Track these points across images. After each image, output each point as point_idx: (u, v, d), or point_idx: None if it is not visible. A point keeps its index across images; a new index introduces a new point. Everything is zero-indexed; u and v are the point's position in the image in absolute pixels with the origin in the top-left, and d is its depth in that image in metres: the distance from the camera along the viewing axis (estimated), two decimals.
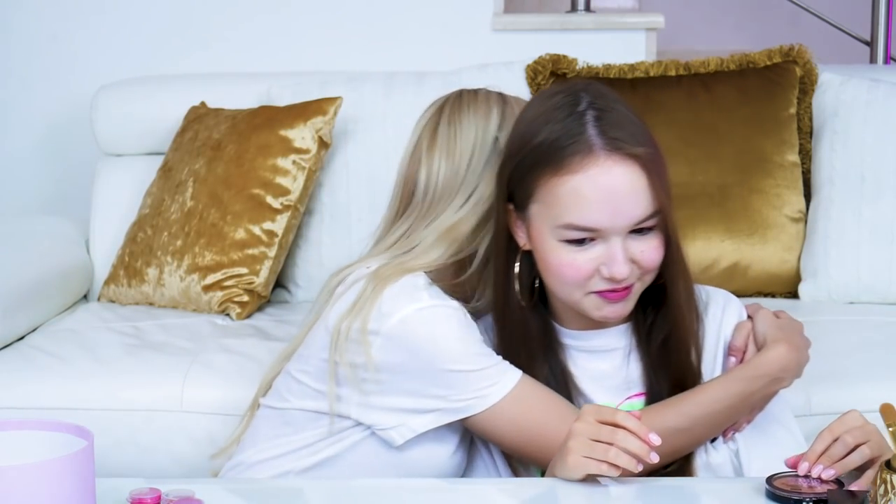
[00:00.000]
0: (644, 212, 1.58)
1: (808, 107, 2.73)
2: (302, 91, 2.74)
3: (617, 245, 1.58)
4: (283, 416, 1.76)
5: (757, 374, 1.66)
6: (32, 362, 2.30)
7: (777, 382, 1.67)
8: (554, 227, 1.60)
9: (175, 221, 2.61)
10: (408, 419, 1.68)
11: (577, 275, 1.60)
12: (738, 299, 1.78)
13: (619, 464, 1.47)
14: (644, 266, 1.61)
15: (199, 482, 1.60)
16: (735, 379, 1.66)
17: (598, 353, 1.71)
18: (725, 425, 1.68)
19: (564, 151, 1.58)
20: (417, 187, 1.78)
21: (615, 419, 1.49)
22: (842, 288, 2.59)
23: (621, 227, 1.58)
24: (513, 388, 1.65)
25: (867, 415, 1.85)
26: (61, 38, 3.18)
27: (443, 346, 1.65)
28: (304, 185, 2.60)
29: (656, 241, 1.60)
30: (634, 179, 1.57)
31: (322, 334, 1.72)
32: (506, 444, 1.68)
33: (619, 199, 1.57)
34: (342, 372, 1.69)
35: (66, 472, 1.23)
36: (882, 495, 1.33)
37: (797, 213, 2.65)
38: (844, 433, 1.47)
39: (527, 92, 2.74)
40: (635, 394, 1.70)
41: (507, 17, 3.19)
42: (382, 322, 1.66)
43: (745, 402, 1.66)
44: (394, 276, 1.69)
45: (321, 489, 1.63)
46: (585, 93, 1.62)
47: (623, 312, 1.64)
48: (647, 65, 2.79)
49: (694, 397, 1.65)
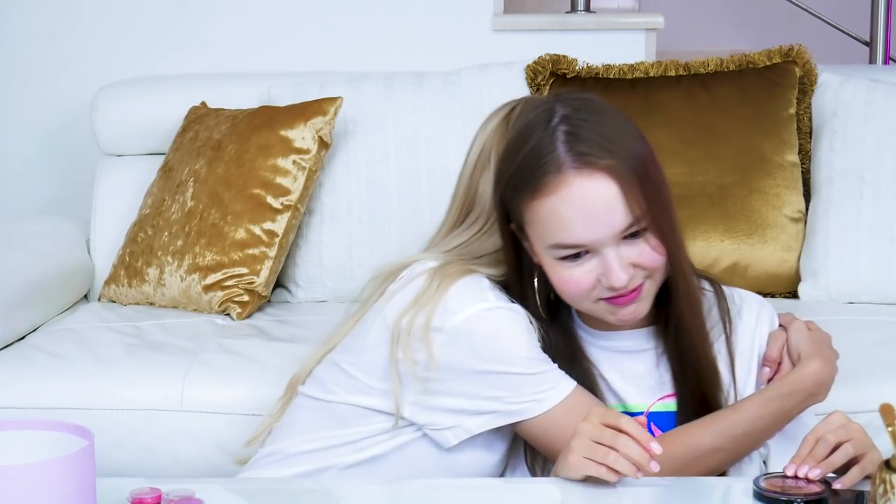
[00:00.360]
0: (624, 220, 1.58)
1: (808, 107, 2.73)
2: (302, 91, 2.74)
3: (610, 255, 1.58)
4: (329, 409, 1.73)
5: (794, 390, 1.66)
6: (32, 362, 2.30)
7: (812, 398, 1.68)
8: (545, 247, 1.61)
9: (175, 221, 2.61)
10: (464, 420, 1.67)
11: (578, 289, 1.61)
12: (771, 305, 1.78)
13: (618, 469, 1.47)
14: (646, 267, 1.61)
15: (199, 482, 1.60)
16: (772, 397, 1.66)
17: (629, 354, 1.71)
18: (762, 442, 1.69)
19: (538, 173, 1.59)
20: (482, 199, 1.76)
21: (619, 423, 1.49)
22: (842, 288, 2.59)
23: (606, 239, 1.58)
24: (568, 394, 1.65)
25: (867, 414, 1.86)
26: (61, 38, 3.18)
27: (505, 347, 1.65)
28: (304, 185, 2.60)
29: (652, 242, 1.60)
30: (607, 192, 1.57)
31: (378, 328, 1.70)
32: (553, 450, 1.66)
33: (597, 213, 1.57)
34: (402, 369, 1.67)
35: (67, 472, 1.23)
36: (882, 495, 1.33)
37: (797, 213, 2.65)
38: (826, 433, 1.48)
39: (527, 92, 2.74)
40: (668, 394, 1.70)
41: (507, 17, 3.19)
42: (447, 319, 1.65)
43: (782, 419, 1.67)
44: (459, 274, 1.68)
45: (321, 489, 1.63)
46: (562, 104, 1.62)
47: (638, 313, 1.64)
48: (646, 65, 2.79)
49: (732, 416, 1.65)
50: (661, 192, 1.61)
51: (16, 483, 1.21)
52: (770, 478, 1.47)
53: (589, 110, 1.62)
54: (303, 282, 2.69)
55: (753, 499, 1.45)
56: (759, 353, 1.73)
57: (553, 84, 2.75)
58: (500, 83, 2.73)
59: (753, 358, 1.73)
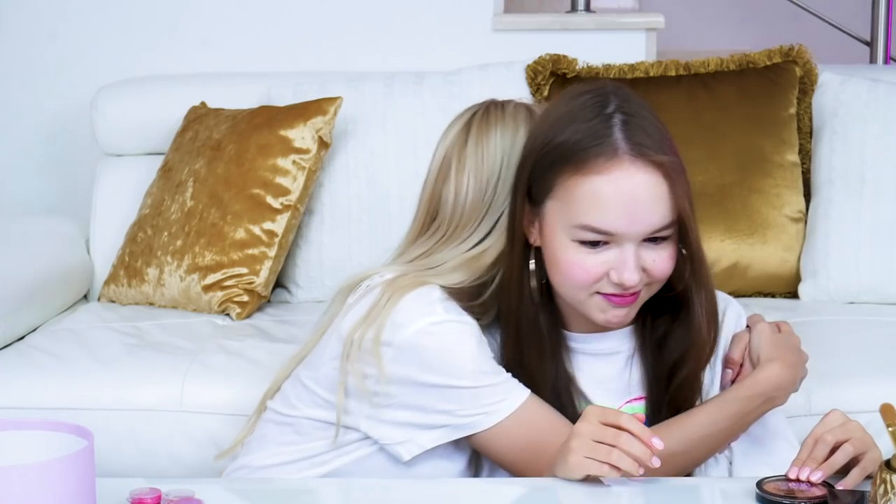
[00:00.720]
0: (661, 220, 1.57)
1: (808, 107, 2.73)
2: (302, 91, 2.74)
3: (629, 251, 1.57)
4: (291, 423, 1.74)
5: (751, 394, 1.65)
6: (32, 362, 2.30)
7: (771, 401, 1.67)
8: (569, 226, 1.59)
9: (175, 221, 2.61)
10: (415, 434, 1.67)
11: (585, 276, 1.59)
12: (738, 304, 1.77)
13: (620, 466, 1.47)
14: (653, 275, 1.60)
15: (199, 482, 1.59)
16: (730, 400, 1.65)
17: (601, 357, 1.71)
18: (722, 445, 1.68)
19: (589, 152, 1.57)
20: (444, 206, 1.76)
21: (619, 422, 1.49)
22: (842, 288, 2.59)
23: (637, 234, 1.57)
24: (520, 405, 1.64)
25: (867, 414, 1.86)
26: (61, 38, 3.18)
27: (453, 361, 1.64)
28: (304, 185, 2.60)
29: (669, 251, 1.60)
30: (656, 187, 1.56)
31: (334, 342, 1.70)
32: (508, 462, 1.67)
33: (639, 206, 1.56)
34: (352, 382, 1.67)
35: (66, 472, 1.23)
36: (882, 495, 1.33)
37: (797, 213, 2.65)
38: (824, 433, 1.47)
39: (527, 92, 2.74)
40: (635, 397, 1.70)
41: (507, 17, 3.19)
42: (396, 333, 1.65)
43: (740, 423, 1.66)
44: (410, 286, 1.67)
45: (321, 489, 1.63)
46: (615, 96, 1.61)
47: (626, 319, 1.64)
48: (647, 65, 2.79)
49: (690, 420, 1.65)
50: (692, 203, 1.61)
51: (16, 483, 1.21)
52: (772, 481, 1.47)
53: (640, 105, 1.62)
54: (303, 282, 2.69)
55: (756, 502, 1.45)
56: (723, 351, 1.72)
57: (553, 84, 2.75)
58: (500, 83, 2.73)
59: (718, 355, 1.72)
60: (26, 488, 1.21)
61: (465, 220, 1.74)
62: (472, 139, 1.76)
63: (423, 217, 1.79)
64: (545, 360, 1.68)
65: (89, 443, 1.28)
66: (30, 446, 1.33)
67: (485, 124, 1.76)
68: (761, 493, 1.44)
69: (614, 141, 1.56)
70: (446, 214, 1.75)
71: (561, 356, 1.69)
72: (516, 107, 1.79)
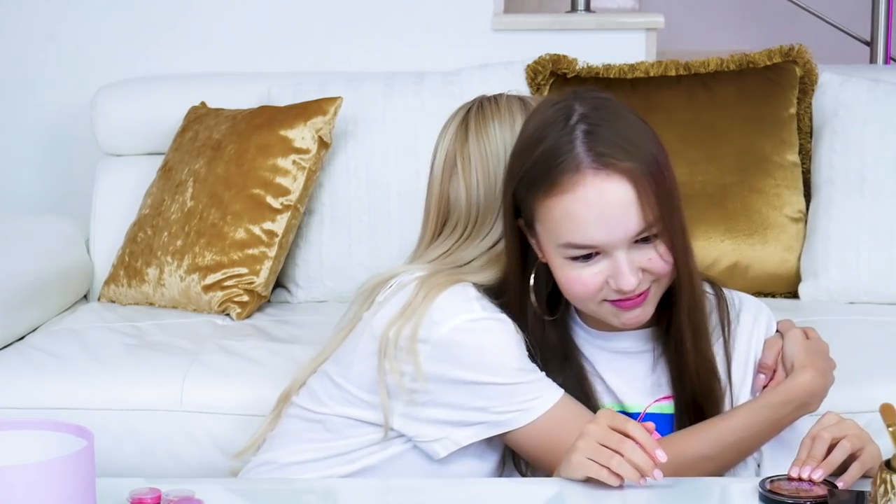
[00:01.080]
0: (638, 225, 1.57)
1: (808, 107, 2.73)
2: (302, 91, 2.74)
3: (621, 258, 1.58)
4: (320, 420, 1.73)
5: (785, 399, 1.66)
6: (32, 362, 2.30)
7: (804, 408, 1.68)
8: (556, 245, 1.60)
9: (175, 221, 2.61)
10: (451, 432, 1.66)
11: (585, 290, 1.60)
12: (768, 309, 1.78)
13: (620, 473, 1.47)
14: (655, 273, 1.60)
15: (199, 482, 1.59)
16: (763, 406, 1.66)
17: (627, 355, 1.71)
18: (753, 450, 1.68)
19: (555, 171, 1.57)
20: (456, 205, 1.75)
21: (626, 428, 1.49)
22: (842, 288, 2.59)
23: (619, 241, 1.57)
24: (555, 403, 1.64)
25: (867, 415, 1.86)
26: (61, 38, 3.18)
27: (489, 358, 1.64)
28: (304, 185, 2.60)
29: (662, 248, 1.59)
30: (624, 195, 1.56)
31: (367, 340, 1.70)
32: (540, 460, 1.66)
33: (612, 215, 1.56)
34: (389, 380, 1.66)
35: (66, 472, 1.23)
36: (882, 495, 1.33)
37: (797, 213, 2.65)
38: (821, 430, 1.48)
39: (527, 92, 2.73)
40: (664, 396, 1.70)
41: (507, 17, 3.19)
42: (433, 330, 1.64)
43: (772, 428, 1.67)
44: (446, 283, 1.67)
45: (320, 489, 1.63)
46: (580, 103, 1.61)
47: (642, 317, 1.64)
48: (647, 65, 2.79)
49: (723, 424, 1.65)
50: (673, 198, 1.60)
51: (16, 483, 1.21)
52: (775, 480, 1.47)
53: (607, 110, 1.61)
54: (303, 282, 2.69)
55: (760, 501, 1.45)
56: (756, 358, 1.72)
57: (553, 84, 2.75)
58: (500, 83, 2.73)
59: (750, 362, 1.72)
60: (26, 488, 1.21)
61: (482, 215, 1.75)
62: (472, 135, 1.76)
63: (435, 219, 1.79)
64: (552, 371, 1.68)
65: (89, 443, 1.28)
66: (30, 446, 1.33)
67: (482, 118, 1.77)
68: (765, 492, 1.45)
69: (577, 155, 1.57)
70: (461, 213, 1.75)
71: (574, 363, 1.70)
72: (509, 99, 1.80)
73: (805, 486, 1.45)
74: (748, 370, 1.72)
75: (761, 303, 1.78)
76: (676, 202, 1.61)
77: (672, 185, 1.61)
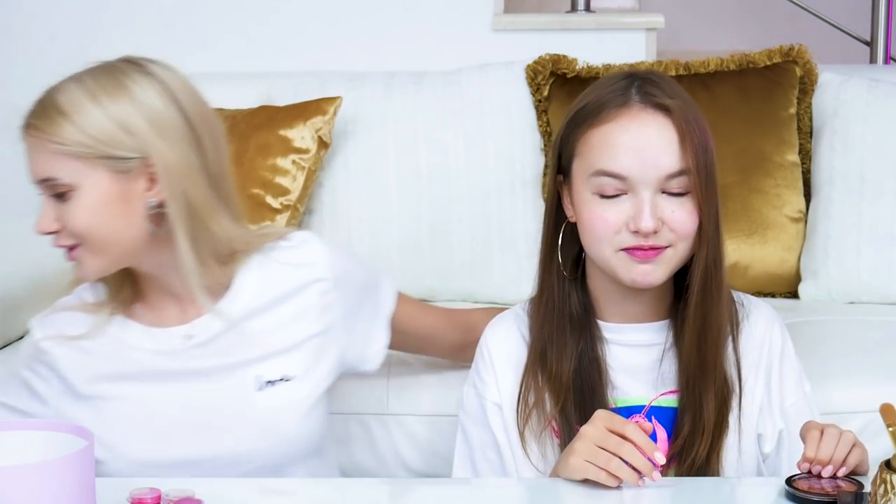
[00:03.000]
0: (671, 165, 1.60)
1: (808, 107, 2.73)
2: (302, 91, 2.74)
3: (646, 197, 1.60)
4: None
5: None
6: None
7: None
8: (587, 176, 1.63)
9: None
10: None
11: (606, 228, 1.62)
12: (771, 310, 1.77)
13: (619, 475, 1.48)
14: (674, 228, 1.62)
15: (199, 482, 1.59)
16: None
17: (636, 348, 1.71)
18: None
19: (603, 107, 1.64)
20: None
21: (624, 431, 1.50)
22: (842, 288, 2.59)
23: (650, 178, 1.60)
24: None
25: (867, 415, 1.86)
26: (61, 38, 3.18)
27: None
28: (303, 185, 2.60)
29: (689, 206, 1.62)
30: (664, 131, 1.61)
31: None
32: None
33: (648, 148, 1.60)
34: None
35: (66, 472, 1.23)
36: (882, 495, 1.33)
37: (797, 213, 2.65)
38: (824, 428, 1.50)
39: (527, 92, 2.74)
40: (669, 391, 1.70)
41: (507, 17, 3.19)
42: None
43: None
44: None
45: (320, 489, 1.63)
46: (643, 72, 1.69)
47: (652, 278, 1.63)
48: (647, 65, 2.79)
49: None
50: (712, 168, 1.64)
51: (16, 483, 1.21)
52: (800, 478, 1.48)
53: (662, 78, 1.68)
54: None
55: (786, 499, 1.46)
56: (767, 365, 1.72)
57: (553, 84, 2.75)
58: (500, 83, 2.73)
59: (760, 371, 1.71)
60: (26, 488, 1.21)
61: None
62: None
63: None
64: (573, 336, 1.69)
65: (89, 443, 1.28)
66: (30, 446, 1.33)
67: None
68: (792, 489, 1.46)
69: (628, 94, 1.64)
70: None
71: (591, 339, 1.70)
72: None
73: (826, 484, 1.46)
74: (759, 374, 1.71)
75: (774, 311, 1.77)
76: (714, 175, 1.64)
77: (713, 160, 1.64)
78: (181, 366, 1.73)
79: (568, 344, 1.69)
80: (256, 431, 1.72)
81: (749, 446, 1.68)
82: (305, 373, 1.76)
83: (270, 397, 1.72)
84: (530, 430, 1.69)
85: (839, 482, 1.47)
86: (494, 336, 1.76)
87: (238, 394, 1.72)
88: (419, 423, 2.14)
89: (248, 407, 1.72)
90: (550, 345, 1.69)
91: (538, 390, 1.69)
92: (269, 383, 1.73)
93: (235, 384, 1.73)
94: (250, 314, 1.75)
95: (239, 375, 1.73)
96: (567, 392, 1.67)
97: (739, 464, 1.67)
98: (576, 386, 1.67)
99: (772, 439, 1.70)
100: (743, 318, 1.72)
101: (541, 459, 1.68)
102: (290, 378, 1.74)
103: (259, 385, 1.73)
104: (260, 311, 1.76)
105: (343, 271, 1.82)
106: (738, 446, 1.67)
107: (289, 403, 1.73)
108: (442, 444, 2.09)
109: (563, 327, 1.70)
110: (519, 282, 2.61)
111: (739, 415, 1.68)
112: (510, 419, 1.71)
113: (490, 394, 1.73)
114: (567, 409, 1.67)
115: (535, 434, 1.69)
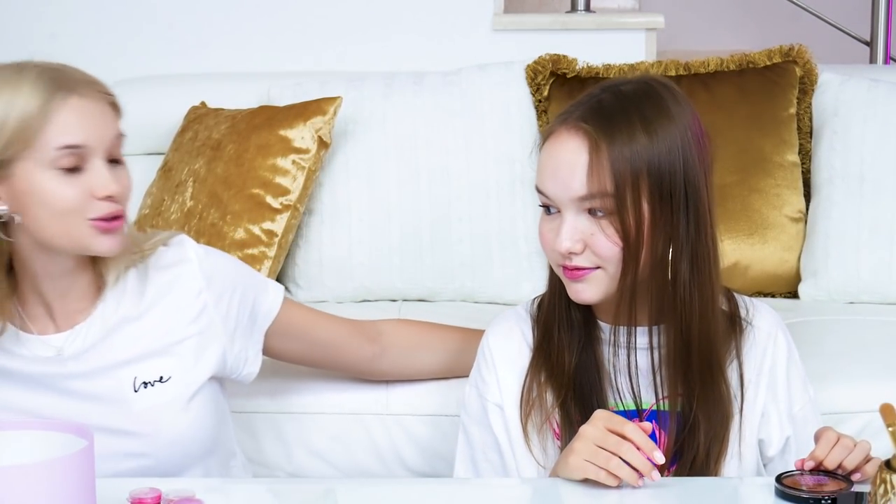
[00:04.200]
0: (581, 188, 1.58)
1: (808, 107, 2.73)
2: (302, 91, 2.74)
3: (567, 218, 1.61)
4: None
5: None
6: None
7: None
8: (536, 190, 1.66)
9: (175, 221, 2.61)
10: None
11: (545, 243, 1.64)
12: (772, 313, 1.76)
13: (619, 475, 1.48)
14: (594, 251, 1.60)
15: (199, 482, 1.60)
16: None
17: (637, 350, 1.70)
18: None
19: (554, 123, 1.65)
20: None
21: (623, 430, 1.50)
22: (842, 288, 2.59)
23: (564, 200, 1.60)
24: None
25: (867, 414, 1.86)
26: (61, 38, 3.18)
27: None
28: (303, 185, 2.60)
29: (610, 230, 1.59)
30: (577, 153, 1.59)
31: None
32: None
33: (561, 170, 1.60)
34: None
35: (66, 472, 1.23)
36: (882, 495, 1.33)
37: (797, 213, 2.65)
38: (839, 435, 1.51)
39: (526, 92, 2.74)
40: (669, 395, 1.69)
41: (507, 17, 3.19)
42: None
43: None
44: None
45: (320, 489, 1.63)
46: (614, 82, 1.65)
47: (585, 296, 1.63)
48: (646, 65, 2.79)
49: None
50: (661, 186, 1.58)
51: (16, 483, 1.21)
52: (790, 476, 1.48)
53: (641, 95, 1.62)
54: (303, 282, 2.69)
55: (776, 497, 1.46)
56: (770, 370, 1.71)
57: (553, 84, 2.75)
58: (500, 83, 2.73)
59: (764, 372, 1.70)
60: (26, 488, 1.21)
61: None
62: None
63: None
64: (573, 337, 1.69)
65: (89, 443, 1.28)
66: (30, 446, 1.33)
67: None
68: (780, 486, 1.45)
69: (572, 111, 1.63)
70: None
71: (592, 342, 1.70)
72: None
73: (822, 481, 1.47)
74: (761, 380, 1.70)
75: (778, 316, 1.76)
76: (639, 190, 1.58)
77: (658, 181, 1.58)
78: (58, 371, 1.72)
79: (569, 342, 1.69)
80: (135, 432, 1.72)
81: (749, 452, 1.68)
82: (183, 373, 1.76)
83: (147, 398, 1.73)
84: (532, 423, 1.69)
85: (825, 478, 1.47)
86: (496, 336, 1.76)
87: (115, 395, 1.72)
88: (419, 423, 2.14)
89: (126, 409, 1.72)
90: (554, 341, 1.70)
91: (540, 386, 1.69)
92: (145, 384, 1.73)
93: (113, 386, 1.73)
94: (126, 319, 1.75)
95: (116, 378, 1.73)
96: (568, 389, 1.67)
97: (740, 470, 1.67)
98: (576, 383, 1.67)
99: (776, 445, 1.69)
100: (746, 324, 1.72)
101: (542, 453, 1.68)
102: (167, 378, 1.74)
103: (136, 386, 1.73)
104: (136, 315, 1.76)
105: (215, 271, 1.81)
106: (738, 452, 1.67)
107: (166, 404, 1.73)
108: (442, 444, 2.09)
109: (565, 326, 1.70)
110: (519, 282, 2.61)
111: (741, 420, 1.67)
112: (511, 420, 1.70)
113: (491, 394, 1.72)
114: (568, 406, 1.67)
115: (536, 427, 1.69)
